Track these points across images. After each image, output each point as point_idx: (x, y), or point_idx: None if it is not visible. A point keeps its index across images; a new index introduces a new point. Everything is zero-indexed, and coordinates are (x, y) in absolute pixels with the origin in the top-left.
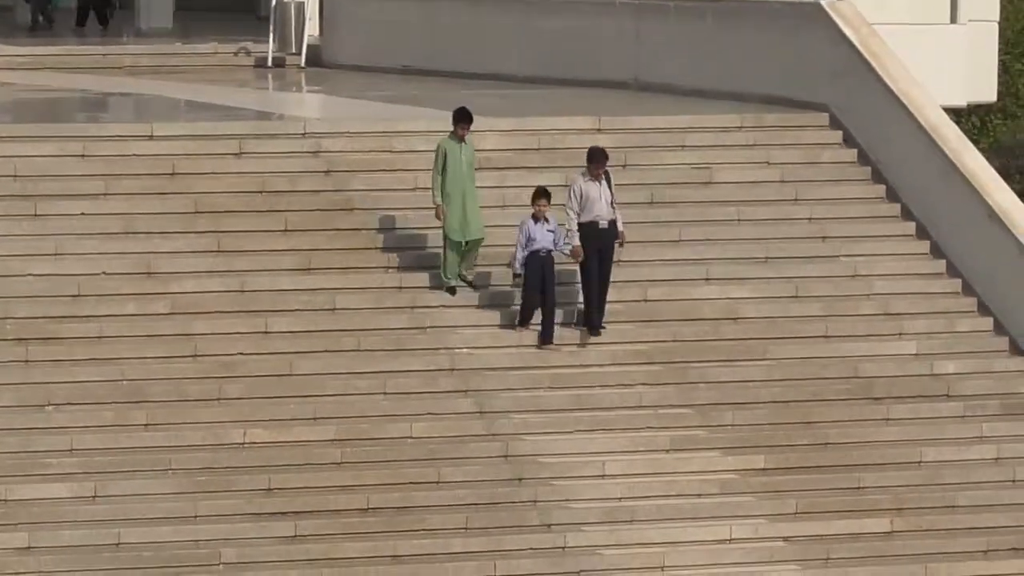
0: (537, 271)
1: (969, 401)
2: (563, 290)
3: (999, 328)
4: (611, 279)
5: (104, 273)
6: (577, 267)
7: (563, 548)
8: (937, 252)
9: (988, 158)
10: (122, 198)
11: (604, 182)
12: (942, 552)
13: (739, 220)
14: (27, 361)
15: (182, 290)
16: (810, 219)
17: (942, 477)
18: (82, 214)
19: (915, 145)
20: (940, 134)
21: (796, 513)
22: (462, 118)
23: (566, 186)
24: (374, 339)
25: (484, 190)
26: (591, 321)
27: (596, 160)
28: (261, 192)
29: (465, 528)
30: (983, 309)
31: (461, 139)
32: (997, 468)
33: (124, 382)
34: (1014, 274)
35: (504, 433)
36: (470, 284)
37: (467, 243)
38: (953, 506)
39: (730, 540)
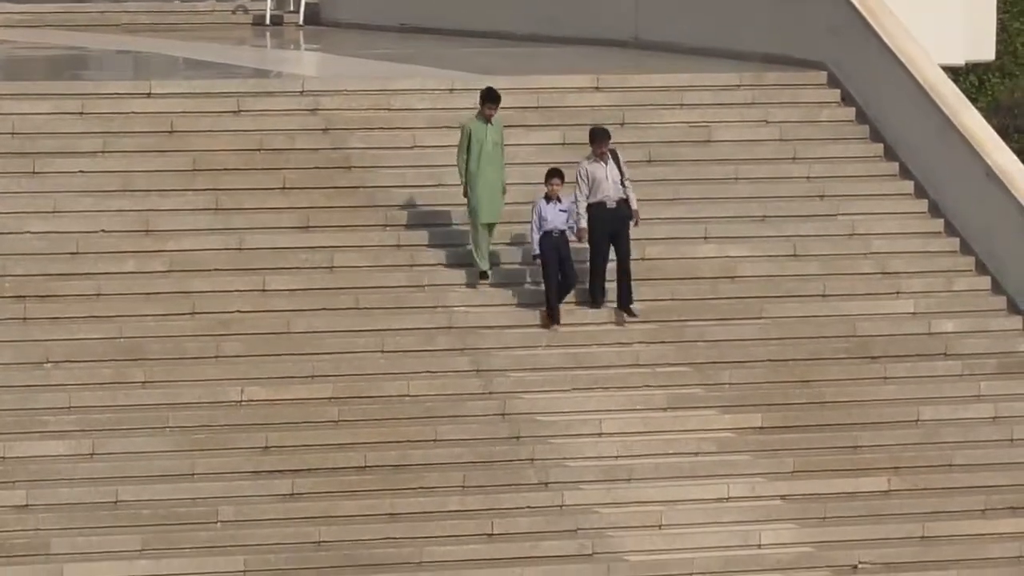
0: (552, 252)
1: (967, 360)
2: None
3: (997, 287)
4: (630, 252)
5: (102, 231)
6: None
7: (560, 506)
8: (935, 211)
9: (986, 117)
10: (120, 156)
11: (612, 161)
12: (939, 511)
13: (737, 179)
14: (25, 319)
15: (180, 248)
16: (808, 178)
17: (940, 436)
18: (80, 172)
19: (913, 104)
20: (938, 93)
21: (793, 472)
22: (489, 98)
23: (564, 144)
24: (372, 297)
25: None
26: (595, 296)
27: (597, 140)
28: (259, 150)
29: (462, 486)
30: (981, 268)
31: (488, 119)
32: (995, 427)
33: (122, 340)
34: (1012, 233)
35: (501, 391)
36: (484, 277)
37: (492, 224)
38: (950, 465)
39: (727, 498)
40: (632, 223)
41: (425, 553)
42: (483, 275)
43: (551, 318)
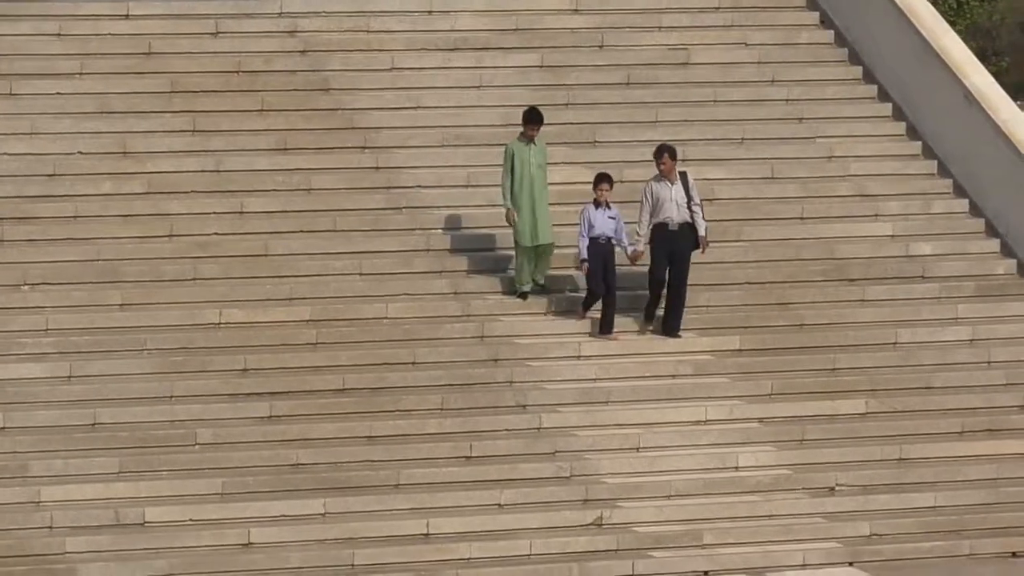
0: (598, 258)
1: (944, 283)
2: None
3: (975, 209)
4: (687, 283)
5: (79, 152)
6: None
7: (538, 429)
8: (913, 134)
9: (965, 40)
10: (98, 77)
11: (680, 183)
12: (917, 433)
13: (716, 102)
14: (2, 240)
15: (157, 170)
16: (787, 100)
17: (917, 359)
18: (58, 93)
19: (892, 27)
20: (917, 15)
21: (771, 394)
22: (531, 119)
23: (542, 66)
24: (350, 219)
25: (459, 71)
26: (649, 315)
27: (658, 155)
28: (237, 72)
29: (440, 409)
30: (959, 191)
31: (530, 140)
32: (972, 349)
33: (99, 262)
34: (990, 156)
35: (480, 314)
36: (542, 287)
37: (537, 247)
38: (928, 387)
39: (705, 421)
40: (700, 251)
41: (403, 475)
42: (523, 296)
43: (605, 331)
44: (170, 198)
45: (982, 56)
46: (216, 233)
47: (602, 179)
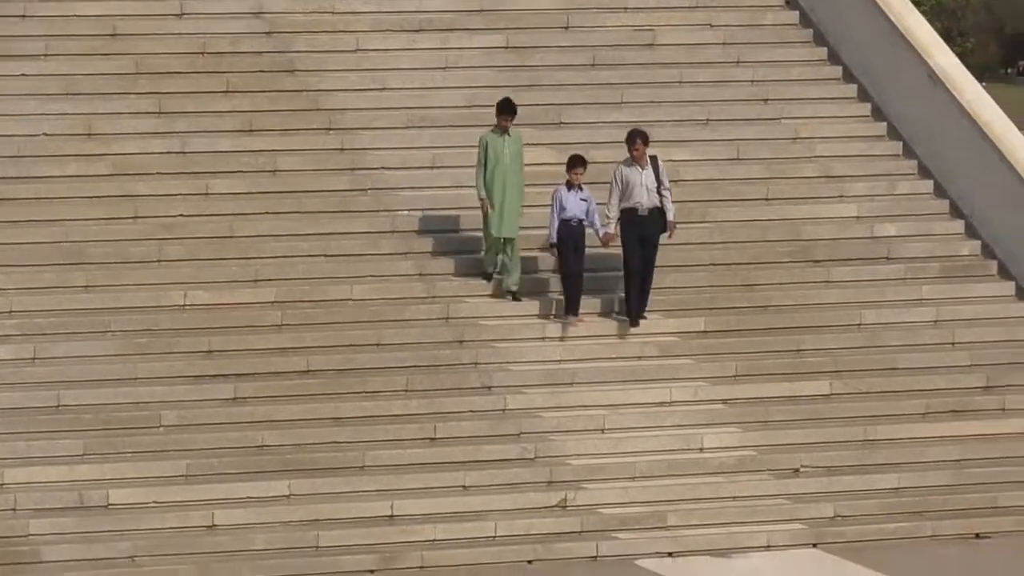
0: (569, 240)
1: (909, 264)
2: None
3: (939, 190)
4: (655, 265)
5: (44, 134)
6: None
7: (503, 410)
8: (878, 114)
9: (930, 20)
10: (63, 59)
11: (649, 168)
12: (881, 414)
13: (681, 83)
14: None
15: (123, 151)
16: (752, 81)
17: (882, 339)
18: (22, 75)
19: (857, 7)
20: None
21: (736, 376)
22: (505, 110)
23: (508, 47)
24: (315, 201)
25: (425, 52)
26: (629, 310)
27: (631, 140)
28: (202, 54)
29: (406, 390)
30: (923, 171)
31: (504, 131)
32: (936, 330)
33: (64, 243)
34: (955, 136)
35: (445, 295)
36: (513, 295)
37: (502, 240)
38: (893, 368)
39: (670, 403)
40: (667, 235)
41: (368, 457)
42: (487, 277)
43: (570, 310)
44: (136, 180)
45: (947, 37)
46: (182, 215)
47: (576, 162)
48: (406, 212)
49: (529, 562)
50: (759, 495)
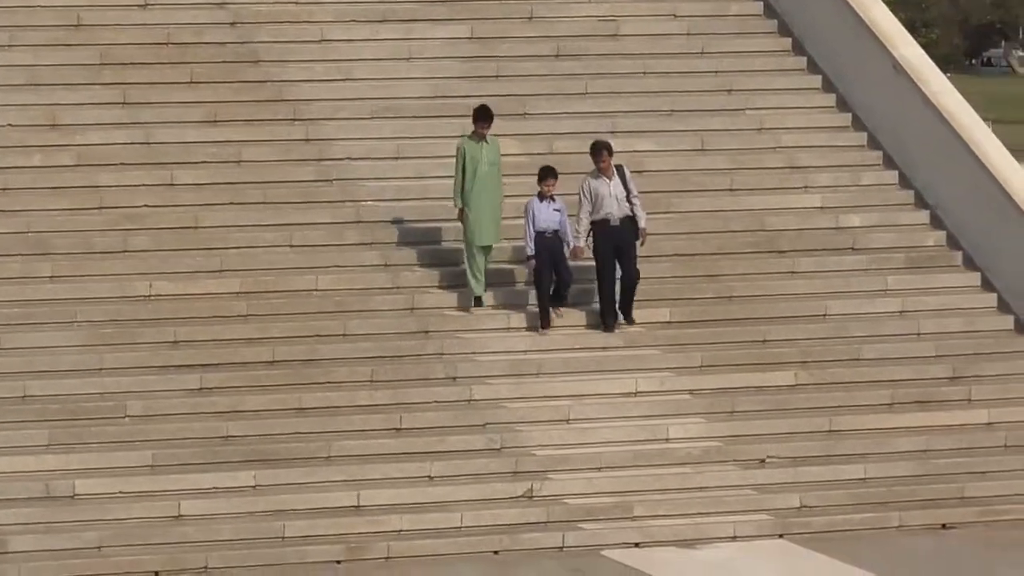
0: (545, 253)
1: (874, 254)
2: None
3: (904, 181)
4: (638, 271)
5: (9, 125)
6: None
7: (469, 401)
8: (843, 106)
9: (894, 11)
10: (27, 49)
11: (616, 178)
12: (846, 405)
13: (645, 73)
14: None
15: (87, 142)
16: (716, 72)
17: (847, 330)
18: None
19: None
20: None
21: (701, 366)
22: (481, 117)
23: (471, 38)
24: (280, 191)
25: (388, 43)
26: (607, 320)
27: (598, 153)
28: (166, 44)
29: (371, 381)
30: (888, 162)
31: (481, 138)
32: (901, 321)
33: (29, 234)
34: (919, 127)
35: (409, 286)
36: (479, 304)
37: (484, 247)
38: (857, 359)
39: (635, 393)
40: (639, 242)
41: (333, 447)
42: (478, 301)
43: (542, 321)
44: (100, 170)
45: (911, 28)
46: (146, 205)
47: (548, 173)
48: (371, 202)
49: (495, 552)
50: (725, 486)
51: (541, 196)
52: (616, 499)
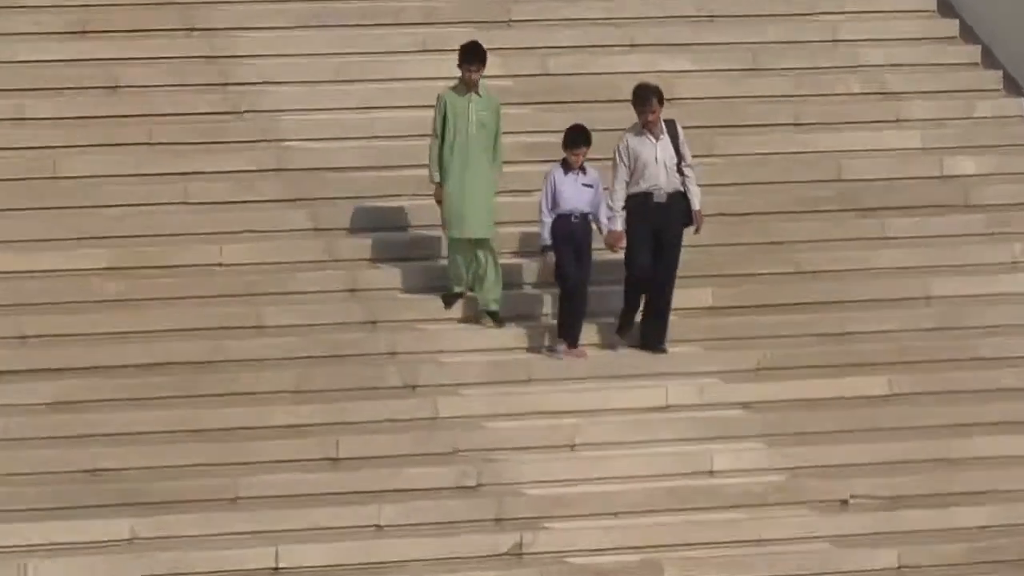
0: (568, 242)
1: (994, 212)
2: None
3: None
4: (676, 275)
5: None
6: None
7: (432, 419)
8: (947, 8)
9: None
10: None
11: (666, 137)
12: (961, 424)
13: None
14: None
15: None
16: None
17: (959, 319)
18: None
19: None
20: None
21: (758, 369)
22: (469, 57)
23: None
24: (171, 128)
25: None
26: (622, 327)
27: (643, 101)
28: None
29: (296, 391)
30: (1011, 86)
31: (470, 87)
32: None
33: None
34: None
35: (349, 258)
36: (494, 318)
37: (471, 240)
38: (975, 358)
39: (666, 407)
40: (694, 229)
41: (242, 485)
42: (454, 296)
43: (569, 342)
44: None
45: None
46: None
47: (578, 137)
48: (295, 142)
49: None
50: (793, 538)
51: (567, 166)
52: (640, 555)
